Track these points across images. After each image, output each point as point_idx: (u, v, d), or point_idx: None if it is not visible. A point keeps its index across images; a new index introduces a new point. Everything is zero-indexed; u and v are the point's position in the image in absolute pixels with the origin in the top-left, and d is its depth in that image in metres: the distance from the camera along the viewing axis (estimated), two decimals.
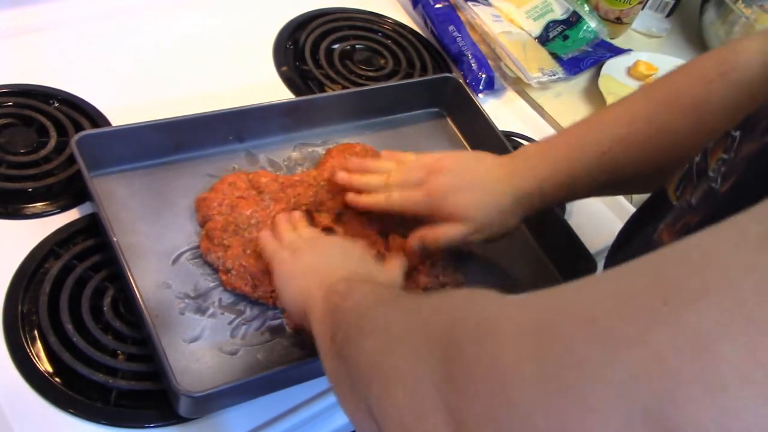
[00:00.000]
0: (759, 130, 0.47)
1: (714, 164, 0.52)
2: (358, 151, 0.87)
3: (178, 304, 0.73)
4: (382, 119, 0.97)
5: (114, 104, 0.89)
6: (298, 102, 0.92)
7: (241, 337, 0.72)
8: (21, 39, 0.94)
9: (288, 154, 0.89)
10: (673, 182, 0.58)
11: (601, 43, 1.20)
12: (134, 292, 0.68)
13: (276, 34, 1.05)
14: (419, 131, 0.98)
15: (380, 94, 0.96)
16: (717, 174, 0.49)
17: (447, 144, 0.98)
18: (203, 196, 0.80)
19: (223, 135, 0.86)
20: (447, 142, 0.98)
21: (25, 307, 0.71)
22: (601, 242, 0.94)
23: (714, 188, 0.47)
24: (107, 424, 0.66)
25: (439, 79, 1.00)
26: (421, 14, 1.16)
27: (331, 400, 0.72)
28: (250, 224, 0.77)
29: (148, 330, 0.66)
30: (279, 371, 0.69)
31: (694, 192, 0.51)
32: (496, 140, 0.93)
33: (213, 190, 0.80)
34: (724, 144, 0.52)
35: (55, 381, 0.67)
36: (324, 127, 0.92)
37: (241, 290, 0.74)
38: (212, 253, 0.75)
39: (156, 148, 0.82)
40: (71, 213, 0.79)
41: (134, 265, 0.73)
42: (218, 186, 0.80)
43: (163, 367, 0.64)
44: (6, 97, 0.86)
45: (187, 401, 0.64)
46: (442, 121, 1.00)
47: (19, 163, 0.81)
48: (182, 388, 0.63)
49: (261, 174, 0.82)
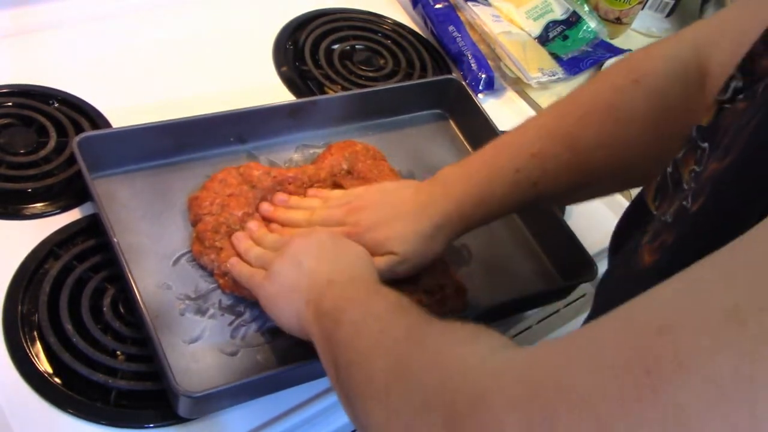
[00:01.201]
0: (721, 149, 0.46)
1: (687, 176, 0.52)
2: (359, 149, 0.87)
3: (178, 305, 0.73)
4: (384, 121, 0.96)
5: (114, 104, 0.89)
6: (300, 103, 0.92)
7: (241, 338, 0.72)
8: (21, 39, 0.94)
9: (289, 156, 0.89)
10: (650, 192, 0.58)
11: (601, 43, 1.20)
12: (134, 293, 0.68)
13: (276, 34, 1.05)
14: (421, 133, 0.98)
15: (382, 95, 0.96)
16: (689, 189, 0.49)
17: (449, 145, 0.98)
18: (194, 195, 0.79)
19: (224, 136, 0.86)
20: (449, 143, 0.98)
21: (24, 308, 0.71)
22: (601, 242, 0.94)
23: (686, 207, 0.47)
24: (107, 424, 0.66)
25: (441, 80, 1.00)
26: (421, 14, 1.16)
27: (331, 400, 0.72)
28: (242, 226, 0.77)
29: (148, 331, 0.66)
30: (278, 372, 0.69)
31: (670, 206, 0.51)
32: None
33: (204, 189, 0.79)
34: (694, 156, 0.51)
35: (54, 381, 0.67)
36: (326, 129, 0.92)
37: (240, 293, 0.74)
38: (205, 255, 0.75)
39: (157, 150, 0.82)
40: (71, 213, 0.79)
41: (135, 266, 0.73)
42: (209, 184, 0.80)
43: (162, 367, 0.64)
44: (6, 97, 0.86)
45: (187, 401, 0.64)
46: (444, 123, 1.00)
47: (19, 164, 0.81)
48: (182, 388, 0.63)
49: (253, 167, 0.81)
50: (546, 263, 0.88)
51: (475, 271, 0.84)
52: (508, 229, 0.90)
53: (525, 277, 0.87)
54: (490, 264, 0.86)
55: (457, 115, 1.00)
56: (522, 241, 0.89)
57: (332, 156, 0.86)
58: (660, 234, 0.49)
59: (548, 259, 0.88)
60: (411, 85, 1.00)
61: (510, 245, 0.89)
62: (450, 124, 1.00)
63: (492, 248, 0.87)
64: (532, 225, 0.90)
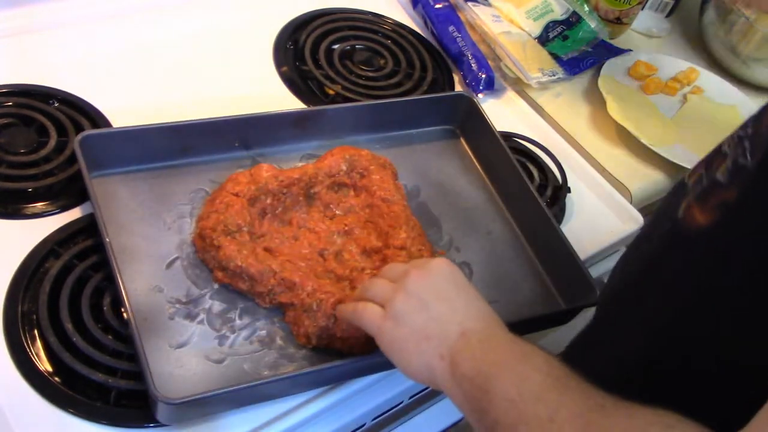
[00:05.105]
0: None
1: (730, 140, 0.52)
2: (364, 154, 0.86)
3: (168, 309, 0.72)
4: (392, 134, 0.95)
5: (114, 104, 0.89)
6: (308, 112, 0.91)
7: (228, 346, 0.71)
8: (21, 39, 0.94)
9: (294, 165, 0.87)
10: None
11: (601, 43, 1.20)
12: (121, 293, 0.68)
13: (276, 34, 1.05)
14: (430, 149, 0.96)
15: (391, 108, 0.95)
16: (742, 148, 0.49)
17: (458, 163, 0.96)
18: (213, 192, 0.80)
19: (229, 141, 0.85)
20: (458, 161, 0.96)
21: (25, 307, 0.71)
22: (602, 242, 0.94)
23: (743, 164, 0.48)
24: (107, 423, 0.66)
25: (452, 96, 1.00)
26: (421, 14, 1.16)
27: (321, 406, 0.71)
28: (241, 230, 0.76)
29: (132, 332, 0.66)
30: (262, 384, 0.67)
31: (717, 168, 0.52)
32: (507, 163, 0.91)
33: (219, 188, 0.80)
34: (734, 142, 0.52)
35: (54, 380, 0.67)
36: (332, 140, 0.90)
37: (237, 287, 0.74)
38: (206, 252, 0.75)
39: (160, 151, 0.82)
40: (71, 213, 0.79)
41: (127, 267, 0.73)
42: (223, 183, 0.80)
43: (143, 371, 0.64)
44: (6, 97, 0.86)
45: (165, 407, 0.63)
46: (454, 141, 0.99)
47: (19, 163, 0.81)
48: (161, 393, 0.62)
49: (263, 168, 0.81)
50: (547, 283, 0.87)
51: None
52: (511, 248, 0.89)
53: (526, 297, 0.85)
54: (490, 283, 0.84)
55: (468, 133, 0.98)
56: (524, 260, 0.88)
57: (333, 156, 0.86)
58: (711, 194, 0.49)
59: (550, 279, 0.87)
60: (421, 99, 0.98)
61: (511, 263, 0.88)
62: (461, 142, 0.99)
63: (493, 266, 0.86)
64: (534, 243, 0.89)
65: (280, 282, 0.73)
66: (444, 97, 1.00)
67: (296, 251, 0.78)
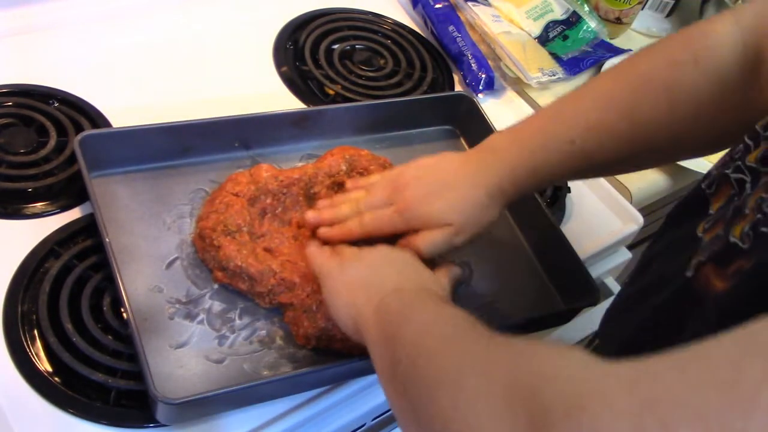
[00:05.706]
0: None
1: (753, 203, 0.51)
2: (364, 154, 0.86)
3: (167, 309, 0.72)
4: (393, 134, 0.95)
5: (114, 104, 0.89)
6: (308, 112, 0.91)
7: (228, 346, 0.71)
8: (21, 39, 0.94)
9: (294, 165, 0.87)
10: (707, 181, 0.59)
11: (601, 43, 1.20)
12: (121, 293, 0.68)
13: (276, 34, 1.05)
14: (430, 149, 0.94)
15: (391, 108, 0.95)
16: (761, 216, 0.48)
17: None
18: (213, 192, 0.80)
19: (229, 141, 0.85)
20: None
21: (25, 307, 0.71)
22: (602, 242, 0.94)
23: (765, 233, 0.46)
24: (107, 423, 0.66)
25: (452, 96, 0.99)
26: (421, 14, 1.16)
27: (321, 406, 0.72)
28: (241, 230, 0.76)
29: (132, 332, 0.66)
30: (261, 384, 0.68)
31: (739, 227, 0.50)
32: None
33: (219, 187, 0.80)
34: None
35: (54, 381, 0.67)
36: (333, 140, 0.90)
37: (236, 287, 0.74)
38: (206, 252, 0.75)
39: (160, 151, 0.82)
40: (71, 213, 0.79)
41: (127, 267, 0.73)
42: (223, 183, 0.80)
43: (143, 371, 0.64)
44: (6, 97, 0.86)
45: (164, 407, 0.63)
46: (455, 141, 0.98)
47: (19, 163, 0.81)
48: (160, 394, 0.62)
49: (263, 168, 0.81)
50: (547, 283, 0.87)
51: (475, 290, 0.83)
52: (511, 248, 0.89)
53: (526, 297, 0.85)
54: (490, 283, 0.84)
55: (468, 133, 0.98)
56: (524, 260, 0.88)
57: (332, 156, 0.86)
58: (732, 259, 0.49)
59: (550, 279, 0.87)
60: (421, 99, 0.98)
61: (511, 263, 0.87)
62: (461, 143, 0.98)
63: (493, 266, 0.86)
64: (534, 243, 0.89)
65: (280, 282, 0.73)
66: (444, 97, 1.00)
67: (296, 251, 0.78)
